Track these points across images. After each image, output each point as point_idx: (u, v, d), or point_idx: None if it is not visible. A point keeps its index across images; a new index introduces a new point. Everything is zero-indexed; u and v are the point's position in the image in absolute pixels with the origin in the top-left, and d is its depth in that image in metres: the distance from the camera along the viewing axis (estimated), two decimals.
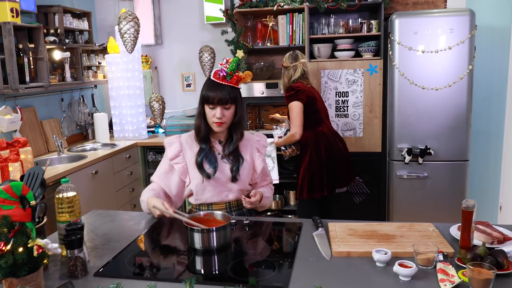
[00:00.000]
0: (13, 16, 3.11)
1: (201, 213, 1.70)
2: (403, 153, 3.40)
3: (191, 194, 1.95)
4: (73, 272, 1.35)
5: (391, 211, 3.58)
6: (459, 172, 3.39)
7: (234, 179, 1.92)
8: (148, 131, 4.34)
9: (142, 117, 4.20)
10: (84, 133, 4.26)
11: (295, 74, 3.09)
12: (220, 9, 3.86)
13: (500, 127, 3.73)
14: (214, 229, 1.53)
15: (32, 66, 3.33)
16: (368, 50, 3.61)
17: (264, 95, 3.76)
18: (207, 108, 1.85)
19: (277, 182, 3.62)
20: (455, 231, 1.63)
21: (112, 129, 4.26)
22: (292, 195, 4.00)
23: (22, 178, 1.44)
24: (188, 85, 4.52)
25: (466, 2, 3.73)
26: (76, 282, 1.32)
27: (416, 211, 3.48)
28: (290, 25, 3.73)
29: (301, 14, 3.68)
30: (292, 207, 4.00)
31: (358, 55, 3.72)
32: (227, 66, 1.87)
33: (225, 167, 1.92)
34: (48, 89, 3.45)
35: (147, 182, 4.14)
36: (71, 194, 1.48)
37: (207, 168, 1.88)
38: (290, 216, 4.05)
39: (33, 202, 1.21)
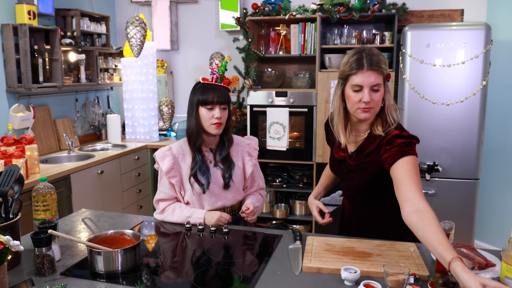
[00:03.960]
0: (30, 18, 3.23)
1: (109, 232, 1.55)
2: None
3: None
4: (39, 269, 1.37)
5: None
6: (468, 191, 3.27)
7: (226, 186, 1.91)
8: (160, 134, 4.41)
9: (154, 120, 4.27)
10: (97, 133, 4.36)
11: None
12: (233, 17, 3.88)
13: None
14: (119, 251, 1.39)
15: (47, 67, 3.45)
16: None
17: (273, 103, 3.75)
18: (203, 111, 1.83)
19: (285, 149, 3.72)
20: None
21: (125, 131, 4.34)
22: (298, 204, 3.95)
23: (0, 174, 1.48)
24: None
25: (486, 16, 3.62)
26: (39, 279, 1.34)
27: None
28: (302, 34, 3.71)
29: (313, 24, 3.65)
30: (297, 217, 3.96)
31: None
32: (217, 70, 1.88)
33: (218, 175, 1.91)
34: (62, 89, 3.55)
35: (155, 184, 4.19)
36: (46, 192, 1.51)
37: (200, 178, 1.86)
38: (295, 226, 4.00)
39: None
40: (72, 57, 3.74)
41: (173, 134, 4.47)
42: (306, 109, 3.66)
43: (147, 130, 4.25)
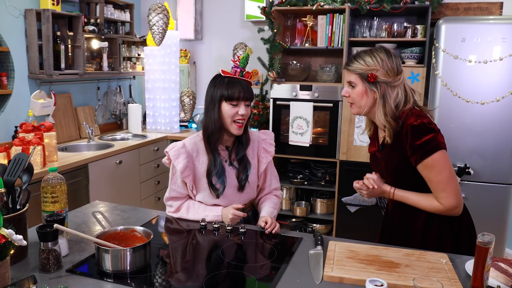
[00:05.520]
0: (53, 4, 3.19)
1: (119, 228, 1.46)
2: None
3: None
4: (44, 265, 1.30)
5: None
6: (501, 196, 3.08)
7: (242, 188, 1.81)
8: (181, 125, 4.34)
9: (175, 111, 4.20)
10: (118, 122, 4.32)
11: (408, 95, 1.61)
12: (258, 7, 3.76)
13: None
14: (128, 249, 1.31)
15: (69, 54, 3.41)
16: (411, 56, 3.37)
17: (297, 97, 3.62)
18: (227, 107, 1.71)
19: (308, 145, 3.59)
20: (471, 267, 1.42)
21: (146, 121, 4.30)
22: (319, 202, 3.83)
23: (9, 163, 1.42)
24: None
25: None
26: (46, 275, 1.28)
27: None
28: (330, 26, 3.56)
29: (342, 15, 3.50)
30: (318, 216, 3.83)
31: None
32: (239, 63, 1.77)
33: (232, 175, 1.80)
34: (84, 77, 3.52)
35: None
36: (56, 184, 1.44)
37: (215, 182, 1.76)
38: (315, 225, 3.88)
39: (1, 190, 1.17)
40: (95, 44, 3.70)
41: (194, 125, 4.40)
42: (331, 104, 3.52)
43: (168, 121, 4.19)
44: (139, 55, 4.33)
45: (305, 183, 3.84)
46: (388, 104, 1.57)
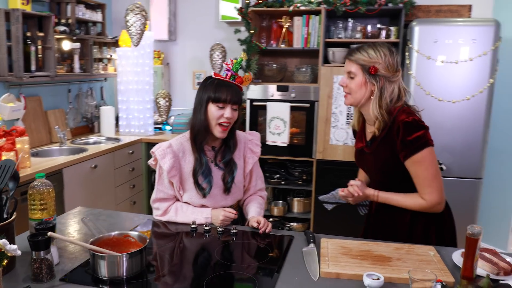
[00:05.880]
0: (23, 3, 3.07)
1: (112, 233, 1.43)
2: None
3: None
4: (37, 275, 1.25)
5: None
6: (471, 190, 3.21)
7: (227, 190, 1.80)
8: (155, 128, 4.27)
9: (149, 113, 4.13)
10: (90, 125, 4.21)
11: (401, 93, 1.67)
12: (235, 8, 3.76)
13: None
14: (124, 255, 1.28)
15: (40, 55, 3.29)
16: None
17: (274, 97, 3.64)
18: (213, 108, 1.70)
19: (285, 145, 3.60)
20: (458, 257, 1.49)
21: (118, 124, 4.20)
22: (296, 202, 3.86)
23: None
24: (199, 83, 4.44)
25: (492, 12, 3.55)
26: (39, 286, 1.23)
27: None
28: (306, 27, 3.61)
29: (317, 17, 3.55)
30: (295, 215, 3.87)
31: None
32: (231, 67, 1.77)
33: (218, 176, 1.80)
34: (54, 79, 3.40)
35: (149, 179, 4.07)
36: (44, 190, 1.39)
37: (201, 181, 1.75)
38: (292, 224, 3.92)
39: None
40: (66, 45, 3.59)
41: (168, 128, 4.34)
42: (308, 104, 3.57)
43: (142, 123, 4.11)
44: (111, 56, 4.23)
45: (282, 182, 3.86)
46: (384, 98, 1.61)
